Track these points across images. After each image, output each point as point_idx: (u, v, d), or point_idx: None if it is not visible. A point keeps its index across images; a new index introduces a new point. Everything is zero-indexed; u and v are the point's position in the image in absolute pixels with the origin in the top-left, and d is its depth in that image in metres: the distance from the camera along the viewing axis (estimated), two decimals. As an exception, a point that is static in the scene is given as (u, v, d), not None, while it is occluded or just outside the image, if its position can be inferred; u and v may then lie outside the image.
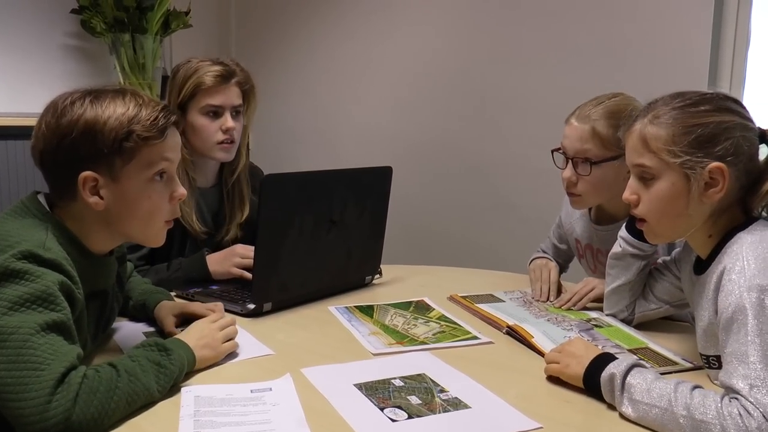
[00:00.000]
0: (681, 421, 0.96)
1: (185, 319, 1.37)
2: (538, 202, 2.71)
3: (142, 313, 1.42)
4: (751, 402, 0.93)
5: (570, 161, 1.58)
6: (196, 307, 1.40)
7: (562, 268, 1.87)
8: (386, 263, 1.85)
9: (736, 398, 0.95)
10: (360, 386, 1.13)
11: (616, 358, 1.11)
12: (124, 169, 1.11)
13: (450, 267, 2.08)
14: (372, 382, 1.15)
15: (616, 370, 1.06)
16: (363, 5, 3.14)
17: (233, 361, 1.24)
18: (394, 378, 1.16)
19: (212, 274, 1.69)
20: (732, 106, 1.13)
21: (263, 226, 1.48)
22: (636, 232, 1.38)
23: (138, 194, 1.13)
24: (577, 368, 1.13)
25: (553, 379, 1.19)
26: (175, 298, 1.50)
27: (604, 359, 1.11)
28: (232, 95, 1.76)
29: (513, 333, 1.41)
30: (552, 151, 1.64)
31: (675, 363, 1.26)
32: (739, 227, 1.12)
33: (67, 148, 1.09)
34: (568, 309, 1.57)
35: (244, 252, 1.70)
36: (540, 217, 2.65)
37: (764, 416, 0.91)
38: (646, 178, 1.17)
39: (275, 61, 3.40)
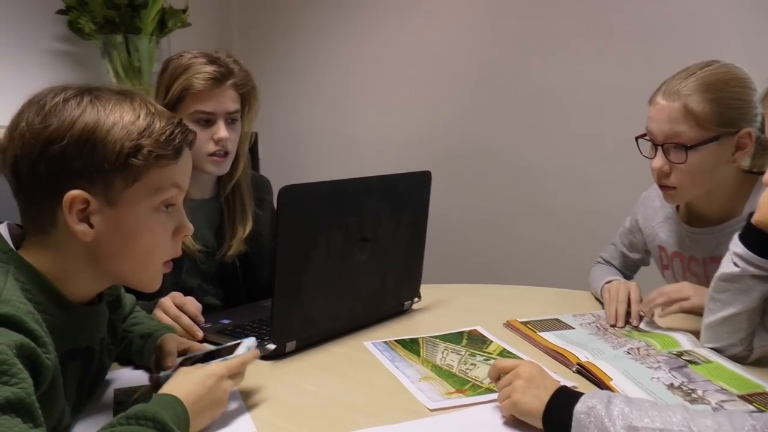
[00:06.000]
0: None
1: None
2: (578, 205, 2.43)
3: (143, 359, 1.14)
4: None
5: (659, 148, 1.31)
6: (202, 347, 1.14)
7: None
8: (422, 283, 1.57)
9: None
10: (424, 462, 0.85)
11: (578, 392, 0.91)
12: (125, 192, 0.86)
13: (498, 285, 1.79)
14: (439, 454, 0.87)
15: (595, 401, 0.87)
16: (375, -3, 2.88)
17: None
18: (467, 447, 0.89)
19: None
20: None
21: (282, 249, 1.20)
22: (756, 246, 1.09)
23: (138, 225, 0.88)
24: (532, 402, 0.93)
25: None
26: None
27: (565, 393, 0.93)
28: (226, 100, 1.48)
29: (585, 372, 1.14)
30: (636, 138, 1.36)
31: (812, 410, 0.97)
32: None
33: (54, 158, 0.83)
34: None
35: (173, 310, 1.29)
36: (582, 222, 2.38)
37: None
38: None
39: (281, 61, 3.13)
